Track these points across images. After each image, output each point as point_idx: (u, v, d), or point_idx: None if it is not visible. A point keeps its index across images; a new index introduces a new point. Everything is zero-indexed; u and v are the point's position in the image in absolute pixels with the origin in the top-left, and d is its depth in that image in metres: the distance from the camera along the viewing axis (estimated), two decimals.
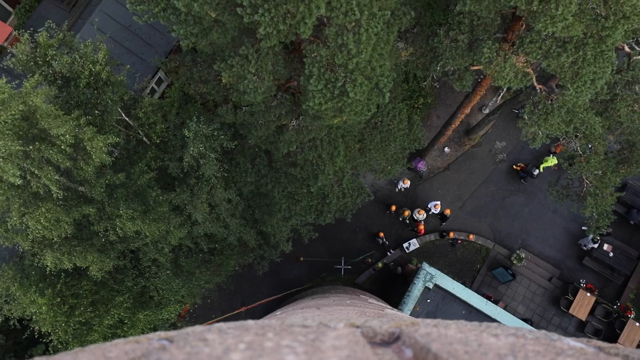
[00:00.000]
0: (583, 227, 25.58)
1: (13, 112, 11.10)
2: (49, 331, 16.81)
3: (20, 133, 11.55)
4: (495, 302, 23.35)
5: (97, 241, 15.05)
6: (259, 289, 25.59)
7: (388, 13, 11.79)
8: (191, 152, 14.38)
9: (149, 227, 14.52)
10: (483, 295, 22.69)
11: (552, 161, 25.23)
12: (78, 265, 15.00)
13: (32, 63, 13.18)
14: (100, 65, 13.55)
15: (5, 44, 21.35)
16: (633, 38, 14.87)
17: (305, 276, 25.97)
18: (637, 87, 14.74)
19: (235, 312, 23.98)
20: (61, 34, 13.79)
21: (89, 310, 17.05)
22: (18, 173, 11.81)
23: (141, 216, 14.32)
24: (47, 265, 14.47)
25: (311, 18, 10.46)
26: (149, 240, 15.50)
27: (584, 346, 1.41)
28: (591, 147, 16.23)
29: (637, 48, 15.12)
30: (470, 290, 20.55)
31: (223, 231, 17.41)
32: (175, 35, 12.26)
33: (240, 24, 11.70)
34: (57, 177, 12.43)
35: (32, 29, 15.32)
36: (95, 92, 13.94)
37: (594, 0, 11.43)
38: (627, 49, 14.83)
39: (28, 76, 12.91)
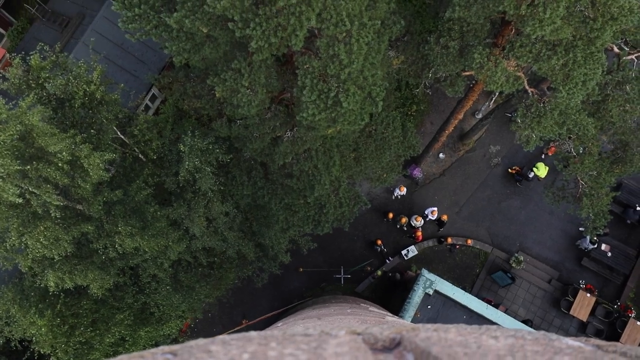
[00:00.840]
0: (580, 228, 25.56)
1: (11, 133, 11.11)
2: (49, 352, 16.71)
3: (17, 153, 11.56)
4: (496, 306, 23.34)
5: (97, 259, 15.01)
6: (259, 301, 25.50)
7: (378, 22, 11.87)
8: (187, 167, 14.39)
9: (147, 242, 14.51)
10: (483, 299, 22.64)
11: (543, 171, 25.32)
12: (79, 283, 14.96)
13: (24, 86, 13.20)
14: (95, 85, 13.57)
15: None
16: (622, 39, 14.98)
17: (305, 287, 25.90)
18: (627, 87, 14.83)
19: (237, 329, 23.87)
20: (54, 56, 13.81)
21: (89, 329, 16.95)
22: (17, 192, 11.81)
23: (140, 232, 14.31)
24: (50, 286, 14.42)
25: (302, 30, 10.53)
26: (148, 256, 15.48)
27: (582, 345, 1.43)
28: (585, 148, 16.29)
29: (626, 48, 15.23)
30: (470, 295, 20.52)
31: (221, 244, 17.38)
32: (168, 51, 12.29)
33: (232, 39, 11.76)
34: (55, 195, 12.43)
35: (23, 52, 15.32)
36: (90, 111, 13.96)
37: (582, 3, 11.53)
38: (616, 49, 14.94)
39: (23, 97, 12.92)
